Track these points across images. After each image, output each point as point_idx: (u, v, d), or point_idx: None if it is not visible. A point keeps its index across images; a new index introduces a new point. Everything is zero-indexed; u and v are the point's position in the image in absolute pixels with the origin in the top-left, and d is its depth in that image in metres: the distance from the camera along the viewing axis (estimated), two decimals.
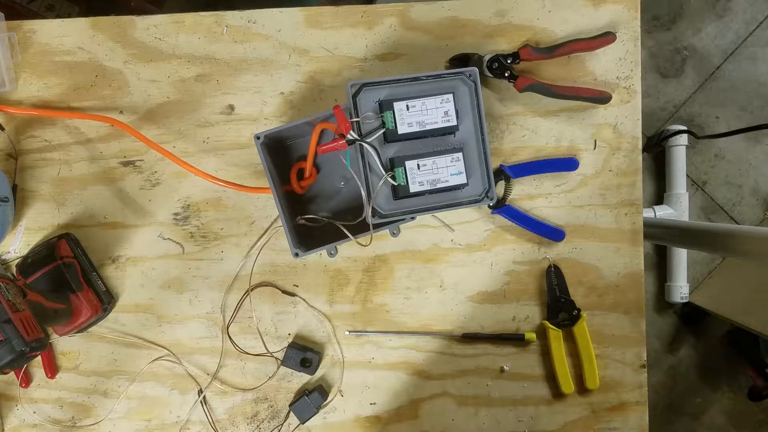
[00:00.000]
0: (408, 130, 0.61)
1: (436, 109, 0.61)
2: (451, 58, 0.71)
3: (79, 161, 0.73)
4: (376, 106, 0.61)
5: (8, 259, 0.73)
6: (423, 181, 0.61)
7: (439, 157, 0.61)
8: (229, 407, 0.73)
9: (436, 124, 0.61)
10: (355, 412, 0.73)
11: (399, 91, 0.61)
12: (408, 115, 0.60)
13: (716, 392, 1.56)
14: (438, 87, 0.62)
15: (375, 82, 0.60)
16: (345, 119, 0.59)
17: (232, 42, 0.72)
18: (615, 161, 0.72)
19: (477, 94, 0.62)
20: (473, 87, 0.62)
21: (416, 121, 0.61)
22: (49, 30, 0.73)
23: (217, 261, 0.73)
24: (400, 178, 0.61)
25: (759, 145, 1.54)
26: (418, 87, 0.61)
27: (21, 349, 0.56)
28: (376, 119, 0.61)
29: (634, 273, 0.73)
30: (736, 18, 1.54)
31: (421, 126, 0.61)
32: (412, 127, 0.61)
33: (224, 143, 0.73)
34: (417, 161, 0.61)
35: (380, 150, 0.61)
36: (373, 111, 0.61)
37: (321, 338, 0.73)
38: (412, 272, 0.73)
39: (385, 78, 0.61)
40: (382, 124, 0.61)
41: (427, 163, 0.61)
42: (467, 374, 0.73)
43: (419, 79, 0.61)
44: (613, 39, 0.69)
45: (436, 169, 0.61)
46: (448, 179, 0.61)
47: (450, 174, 0.61)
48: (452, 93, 0.61)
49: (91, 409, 0.74)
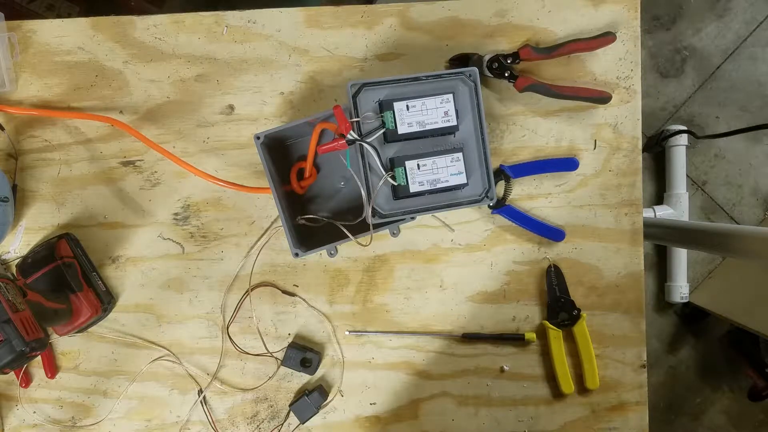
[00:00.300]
0: (408, 130, 0.61)
1: (436, 109, 0.61)
2: (451, 59, 0.71)
3: (79, 161, 0.73)
4: (376, 106, 0.61)
5: (8, 259, 0.73)
6: (423, 181, 0.61)
7: (439, 157, 0.61)
8: (229, 407, 0.73)
9: (436, 124, 0.61)
10: (355, 412, 0.73)
11: (399, 91, 0.61)
12: (408, 115, 0.60)
13: (716, 392, 1.56)
14: (438, 87, 0.62)
15: (375, 82, 0.60)
16: (345, 119, 0.59)
17: (232, 42, 0.72)
18: (615, 161, 0.72)
19: (477, 94, 0.62)
20: (473, 87, 0.62)
21: (416, 121, 0.61)
22: (49, 30, 0.73)
23: (217, 261, 0.73)
24: (401, 178, 0.61)
25: (759, 145, 1.54)
26: (418, 87, 0.61)
27: (21, 349, 0.56)
28: (376, 119, 0.61)
29: (634, 273, 0.73)
30: (736, 18, 1.54)
31: (421, 126, 0.61)
32: (412, 127, 0.61)
33: (224, 143, 0.73)
34: (417, 161, 0.61)
35: (380, 150, 0.61)
36: (373, 111, 0.61)
37: (321, 338, 0.73)
38: (412, 272, 0.73)
39: (385, 78, 0.61)
40: (382, 124, 0.61)
41: (427, 163, 0.61)
42: (467, 374, 0.73)
43: (419, 80, 0.61)
44: (613, 39, 0.69)
45: (436, 169, 0.61)
46: (448, 179, 0.62)
47: (450, 174, 0.61)
48: (452, 93, 0.61)
49: (91, 409, 0.74)
